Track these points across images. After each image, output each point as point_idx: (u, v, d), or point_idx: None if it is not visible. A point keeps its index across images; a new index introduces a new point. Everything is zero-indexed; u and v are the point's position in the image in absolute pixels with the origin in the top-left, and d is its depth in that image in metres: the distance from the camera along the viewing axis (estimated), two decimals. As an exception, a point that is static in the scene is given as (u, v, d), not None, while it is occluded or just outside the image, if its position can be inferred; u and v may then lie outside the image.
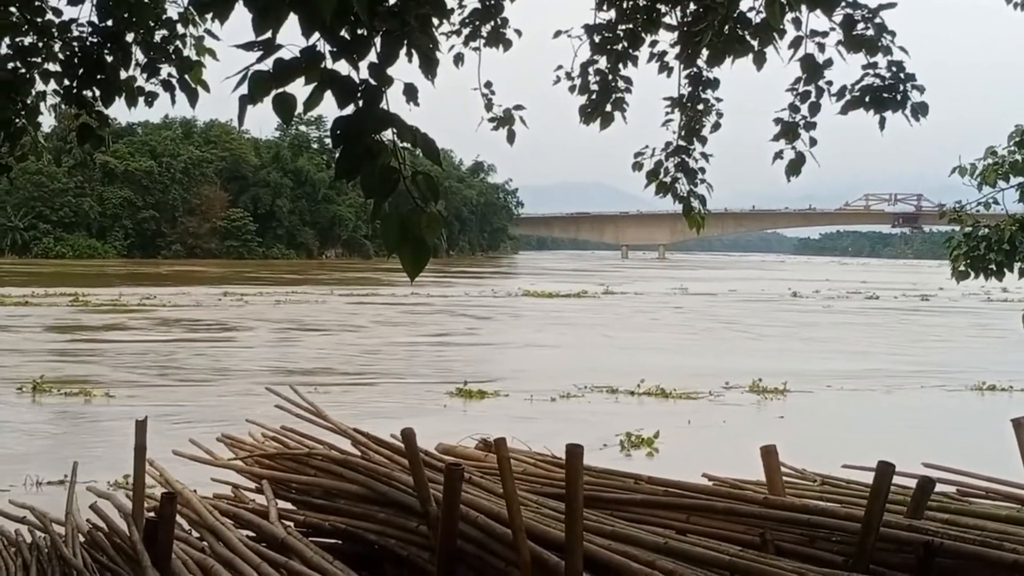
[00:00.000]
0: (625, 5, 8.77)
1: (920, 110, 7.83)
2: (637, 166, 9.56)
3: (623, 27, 8.90)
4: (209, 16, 5.85)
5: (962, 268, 10.76)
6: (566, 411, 25.31)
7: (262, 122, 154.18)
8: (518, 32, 9.41)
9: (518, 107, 9.49)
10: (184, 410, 23.64)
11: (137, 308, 55.77)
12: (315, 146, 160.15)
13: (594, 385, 28.84)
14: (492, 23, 9.30)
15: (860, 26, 7.61)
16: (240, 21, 3.97)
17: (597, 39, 8.99)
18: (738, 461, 10.70)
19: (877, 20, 7.63)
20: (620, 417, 23.75)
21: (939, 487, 9.00)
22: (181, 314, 52.49)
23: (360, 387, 28.79)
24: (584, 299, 73.67)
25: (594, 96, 9.20)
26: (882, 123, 7.89)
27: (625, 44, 8.95)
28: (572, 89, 9.27)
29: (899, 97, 7.78)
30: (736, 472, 10.24)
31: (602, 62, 9.11)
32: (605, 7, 8.83)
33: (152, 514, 8.36)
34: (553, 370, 32.95)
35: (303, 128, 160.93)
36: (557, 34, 9.16)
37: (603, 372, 31.16)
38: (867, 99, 7.82)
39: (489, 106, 9.54)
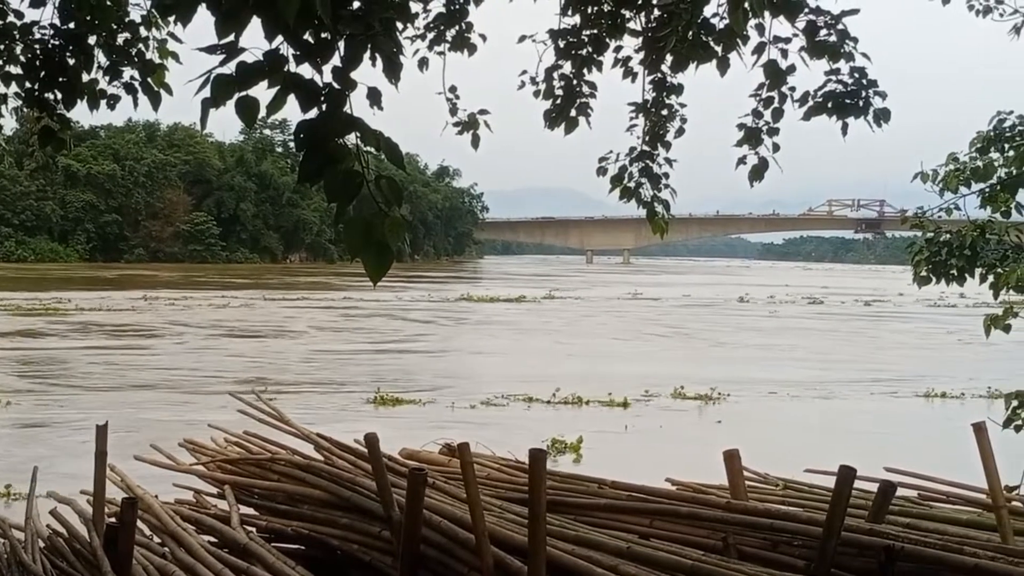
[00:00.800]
0: (590, 10, 8.77)
1: (882, 116, 7.87)
2: (601, 171, 9.57)
3: (588, 32, 8.91)
4: (172, 19, 5.82)
5: (924, 273, 10.80)
6: (487, 417, 25.15)
7: (226, 125, 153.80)
8: (483, 37, 9.40)
9: (483, 112, 9.49)
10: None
11: (63, 312, 54.87)
12: (279, 149, 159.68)
13: (515, 393, 28.53)
14: (457, 27, 9.29)
15: (823, 32, 7.64)
16: (203, 24, 3.95)
17: (562, 44, 8.99)
18: (658, 465, 10.71)
19: (840, 26, 7.67)
20: (544, 423, 23.72)
21: (901, 491, 9.06)
22: (109, 318, 51.75)
23: (282, 396, 27.59)
24: (524, 304, 73.48)
25: (559, 101, 9.20)
26: (844, 129, 7.93)
27: (590, 49, 8.95)
28: (537, 94, 9.27)
29: (861, 103, 7.82)
30: (659, 476, 10.29)
31: (567, 67, 9.11)
32: (570, 12, 8.83)
33: (113, 519, 8.31)
34: (479, 376, 33.08)
35: (267, 131, 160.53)
36: (522, 39, 9.16)
37: (530, 379, 31.07)
38: (830, 105, 7.86)
39: (454, 110, 9.53)
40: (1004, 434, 9.97)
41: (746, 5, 6.42)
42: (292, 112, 4.01)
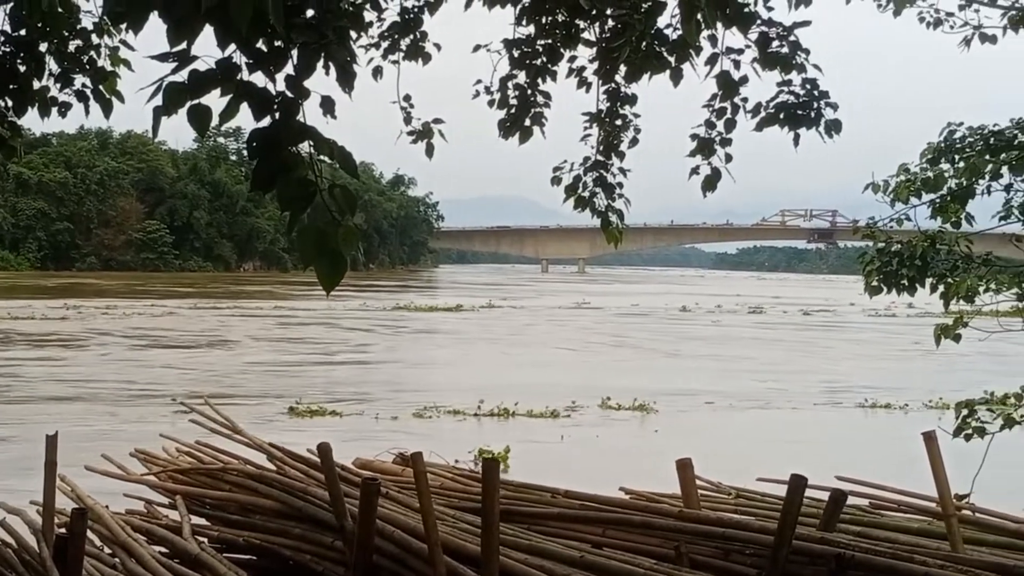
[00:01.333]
0: (544, 20, 8.78)
1: (833, 127, 7.93)
2: (556, 180, 9.59)
3: (542, 42, 8.92)
4: (124, 26, 5.78)
5: (875, 283, 10.89)
6: (411, 428, 24.99)
7: (180, 133, 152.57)
8: (437, 46, 9.40)
9: (437, 120, 9.48)
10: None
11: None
12: (233, 158, 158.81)
13: (442, 404, 28.18)
14: (411, 36, 9.28)
15: (775, 44, 7.69)
16: (156, 32, 3.93)
17: (516, 54, 9.00)
18: (593, 473, 10.68)
19: (792, 38, 7.72)
20: (473, 434, 23.62)
21: (852, 500, 9.13)
22: (37, 327, 50.89)
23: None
24: (460, 313, 73.15)
25: (513, 110, 9.20)
26: (796, 140, 7.98)
27: (544, 59, 8.96)
28: (491, 103, 9.27)
29: (813, 114, 7.88)
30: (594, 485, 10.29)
31: (521, 77, 9.11)
32: (524, 22, 8.83)
33: (63, 530, 8.24)
34: (406, 387, 32.73)
35: (221, 140, 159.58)
36: (476, 48, 9.16)
37: (460, 389, 30.87)
38: (782, 116, 7.91)
39: (408, 119, 9.51)
40: (954, 443, 10.10)
41: (699, 16, 6.46)
42: (246, 120, 3.99)
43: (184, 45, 3.83)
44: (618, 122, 9.29)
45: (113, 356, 40.23)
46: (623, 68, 8.57)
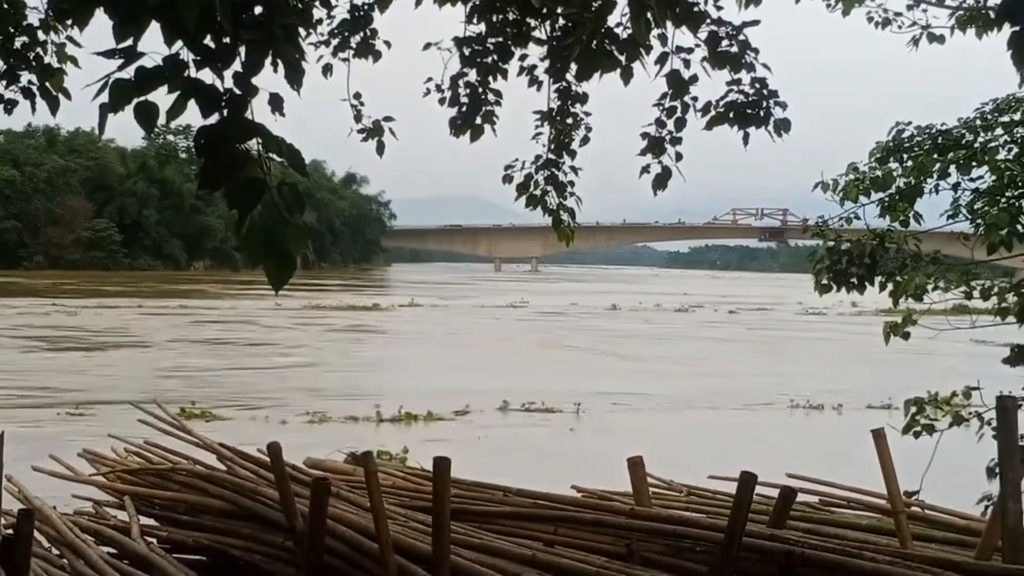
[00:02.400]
0: (495, 19, 8.77)
1: (783, 126, 7.98)
2: (507, 179, 9.60)
3: (493, 40, 8.91)
4: (70, 22, 5.72)
5: (825, 282, 10.97)
6: (301, 430, 24.49)
7: (128, 131, 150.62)
8: (387, 43, 9.37)
9: (387, 119, 9.45)
10: None
11: None
12: (183, 156, 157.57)
13: (338, 405, 27.85)
14: (361, 34, 9.25)
15: (724, 43, 7.72)
16: (103, 28, 3.89)
17: (467, 52, 8.99)
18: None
19: (741, 37, 7.76)
20: (376, 436, 23.37)
21: (803, 497, 9.19)
22: None
23: (62, 408, 26.60)
24: (377, 312, 72.61)
25: (464, 109, 9.20)
26: (746, 139, 8.02)
27: (495, 57, 8.96)
28: (442, 101, 9.25)
29: (762, 113, 7.92)
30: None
31: (472, 75, 9.11)
32: (475, 20, 8.83)
33: (9, 531, 8.14)
34: (297, 390, 32.20)
35: (171, 137, 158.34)
36: (427, 46, 9.14)
37: (361, 393, 30.69)
38: (731, 115, 7.94)
39: (358, 117, 9.47)
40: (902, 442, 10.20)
41: (648, 15, 6.47)
42: (195, 118, 3.96)
43: (130, 41, 3.79)
44: (569, 120, 9.31)
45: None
46: (574, 66, 8.56)
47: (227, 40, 3.93)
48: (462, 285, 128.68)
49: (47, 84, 7.91)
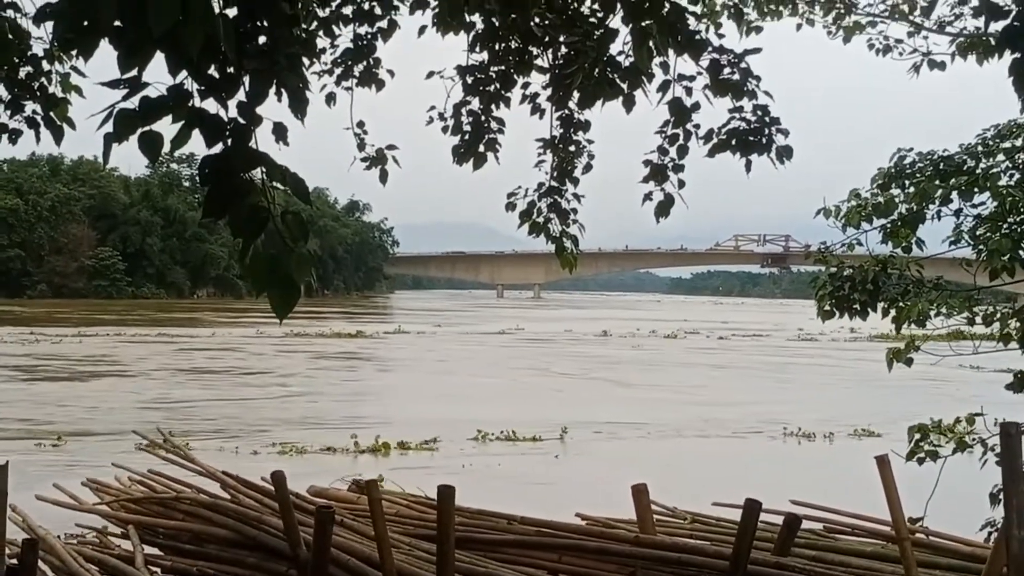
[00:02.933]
0: (497, 47, 8.81)
1: (784, 153, 7.99)
2: (510, 206, 9.61)
3: (495, 68, 8.94)
4: (74, 52, 5.74)
5: (827, 308, 10.96)
6: (264, 461, 23.36)
7: (132, 159, 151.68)
8: (391, 72, 9.41)
9: (391, 147, 9.48)
10: None
11: None
12: (186, 184, 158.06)
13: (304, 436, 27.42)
14: (364, 63, 9.29)
15: (726, 71, 7.74)
16: (108, 58, 3.90)
17: (470, 80, 9.02)
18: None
19: (743, 65, 7.77)
20: (353, 468, 23.08)
21: (807, 524, 9.17)
22: None
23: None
24: (361, 340, 71.98)
25: (467, 136, 9.22)
26: (748, 166, 8.03)
27: (497, 85, 8.99)
28: (445, 130, 9.28)
29: (764, 140, 7.93)
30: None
31: (475, 103, 9.14)
32: (478, 49, 8.86)
33: (14, 561, 8.14)
34: (265, 420, 31.76)
35: (174, 166, 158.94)
36: (430, 75, 9.17)
37: (332, 423, 30.62)
38: (733, 142, 7.95)
39: (362, 146, 9.51)
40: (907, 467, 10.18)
41: (651, 43, 6.49)
42: (199, 146, 3.97)
43: (135, 71, 3.80)
44: (571, 148, 9.33)
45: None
46: (576, 94, 8.59)
47: (231, 70, 3.95)
48: (460, 312, 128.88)
49: (51, 114, 7.92)
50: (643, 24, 6.47)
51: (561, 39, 8.36)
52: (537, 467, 24.62)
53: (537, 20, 8.29)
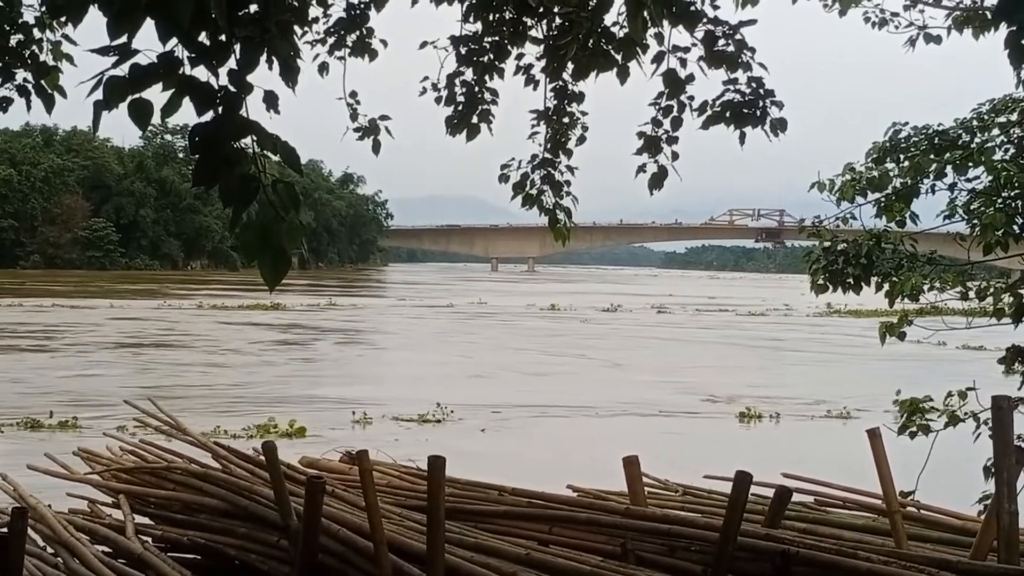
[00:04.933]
0: (491, 17, 8.76)
1: (779, 126, 7.96)
2: (504, 178, 9.58)
3: (489, 39, 8.90)
4: (64, 19, 5.70)
5: (821, 282, 10.96)
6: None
7: (125, 130, 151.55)
8: (384, 42, 9.35)
9: (383, 117, 9.44)
10: None
11: None
12: (181, 155, 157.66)
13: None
14: (357, 32, 9.23)
15: (721, 42, 7.71)
16: (101, 26, 3.88)
17: (463, 50, 8.97)
18: None
19: (738, 37, 7.74)
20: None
21: (798, 497, 9.18)
22: None
23: None
24: (278, 312, 70.14)
25: (460, 107, 9.18)
26: (742, 138, 8.00)
27: (491, 56, 8.95)
28: (438, 100, 9.24)
29: (758, 113, 7.90)
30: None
31: (468, 74, 9.10)
32: (471, 19, 8.82)
33: (3, 529, 8.13)
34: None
35: (168, 137, 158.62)
36: (423, 45, 9.13)
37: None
38: (727, 114, 7.92)
39: (354, 116, 9.45)
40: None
41: (645, 14, 6.47)
42: (193, 118, 3.95)
43: (125, 38, 3.78)
44: (565, 120, 9.29)
45: None
46: (570, 66, 8.57)
47: (222, 37, 3.93)
48: (433, 285, 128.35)
49: (42, 82, 7.87)
50: (638, -5, 6.44)
51: (555, 10, 8.34)
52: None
53: (531, -10, 8.26)
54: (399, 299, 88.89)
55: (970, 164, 10.62)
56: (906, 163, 10.84)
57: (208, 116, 3.92)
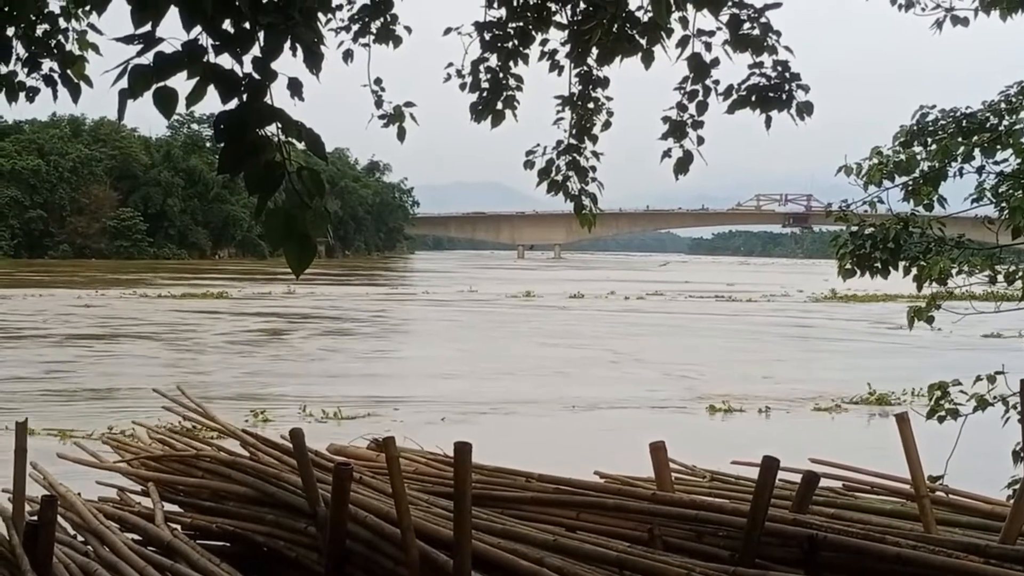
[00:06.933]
0: (515, 3, 8.76)
1: (805, 109, 7.93)
2: (529, 164, 9.57)
3: (513, 25, 8.89)
4: (89, 8, 5.73)
5: (848, 266, 10.92)
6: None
7: (152, 120, 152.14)
8: (408, 29, 9.35)
9: (408, 104, 9.43)
10: None
11: None
12: (208, 145, 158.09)
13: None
14: (381, 19, 9.23)
15: (746, 26, 7.68)
16: (126, 15, 3.89)
17: (488, 36, 8.97)
18: None
19: (763, 20, 7.71)
20: None
21: (826, 482, 9.15)
22: None
23: None
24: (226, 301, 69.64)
25: (485, 94, 9.18)
26: (768, 122, 7.98)
27: (516, 42, 8.94)
28: (463, 87, 9.24)
29: (784, 96, 7.88)
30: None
31: (493, 60, 9.09)
32: (495, 5, 8.81)
33: (33, 517, 8.19)
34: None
35: (195, 126, 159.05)
36: (447, 31, 9.13)
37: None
38: (753, 98, 7.90)
39: (379, 103, 9.45)
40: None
41: (670, -2, 6.45)
42: (218, 106, 3.96)
43: (149, 27, 3.79)
44: (590, 105, 9.28)
45: None
46: (595, 51, 8.55)
47: (246, 25, 3.94)
48: (442, 273, 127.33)
49: (68, 72, 7.91)
50: (662, -21, 6.42)
51: (580, -5, 8.32)
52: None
53: (556, -25, 8.25)
54: (393, 288, 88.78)
55: (998, 147, 10.55)
56: (934, 146, 10.77)
57: (233, 104, 3.93)
